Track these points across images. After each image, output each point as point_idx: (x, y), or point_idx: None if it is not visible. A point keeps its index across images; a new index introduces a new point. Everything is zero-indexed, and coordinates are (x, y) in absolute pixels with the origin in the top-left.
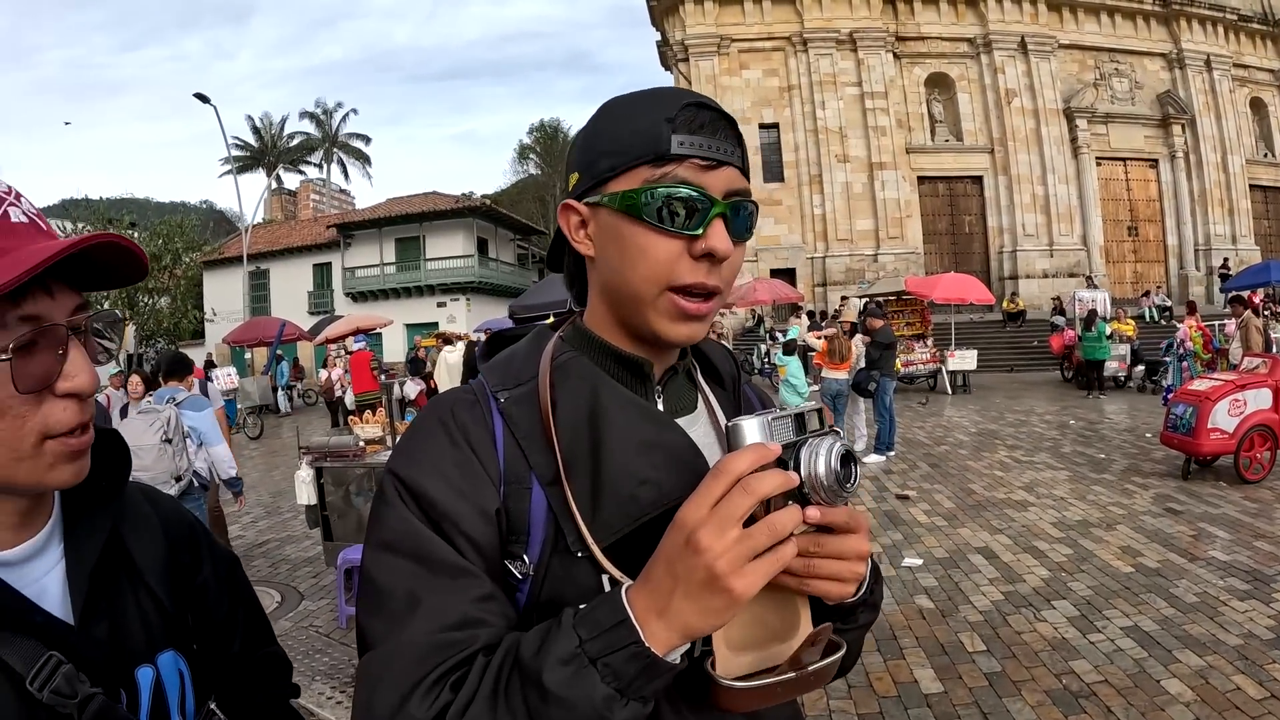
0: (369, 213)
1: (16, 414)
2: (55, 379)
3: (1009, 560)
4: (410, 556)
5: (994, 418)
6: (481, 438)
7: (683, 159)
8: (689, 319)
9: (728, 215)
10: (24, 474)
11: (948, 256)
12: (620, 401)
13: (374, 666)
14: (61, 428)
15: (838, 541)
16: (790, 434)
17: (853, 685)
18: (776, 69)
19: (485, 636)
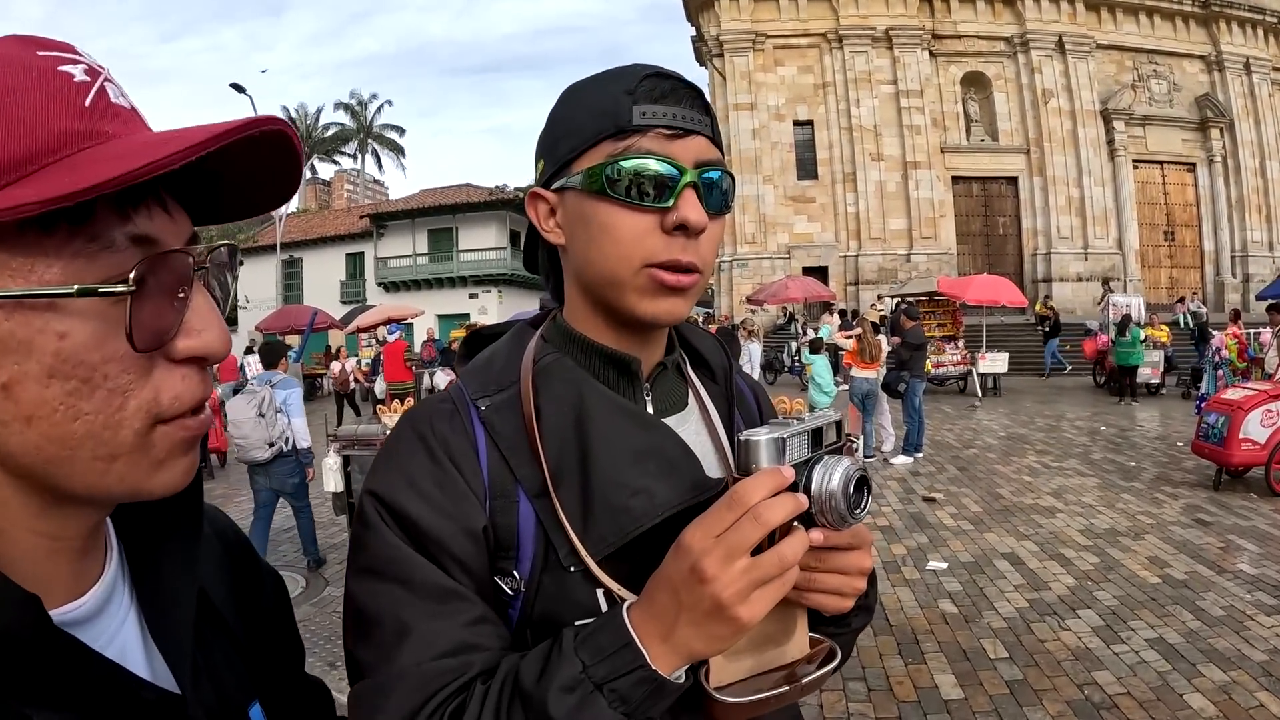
0: (402, 203)
1: (116, 385)
2: (174, 334)
3: (1035, 567)
4: (396, 581)
5: (1024, 422)
6: (463, 450)
7: (646, 129)
8: (670, 293)
9: (699, 185)
10: (119, 477)
11: (981, 258)
12: (607, 406)
13: (367, 698)
14: (180, 406)
15: (840, 558)
16: (805, 449)
17: (872, 689)
18: (811, 66)
19: (480, 662)
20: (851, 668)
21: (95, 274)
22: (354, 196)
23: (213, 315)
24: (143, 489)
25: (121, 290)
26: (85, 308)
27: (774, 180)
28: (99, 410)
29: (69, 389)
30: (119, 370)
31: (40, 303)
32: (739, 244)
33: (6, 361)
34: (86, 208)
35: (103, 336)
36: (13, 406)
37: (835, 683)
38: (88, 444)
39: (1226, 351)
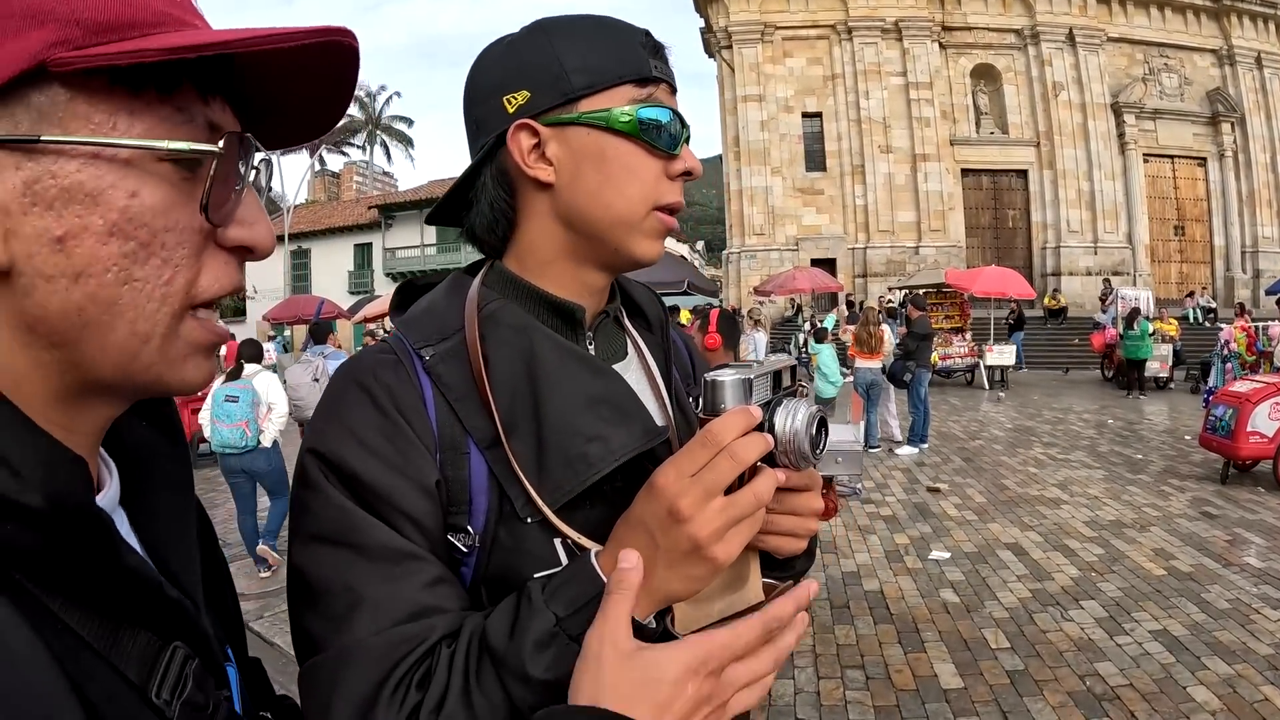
0: (411, 194)
1: (170, 257)
2: (229, 220)
3: (1038, 558)
4: (345, 545)
5: (1031, 414)
6: (412, 402)
7: (659, 82)
8: (660, 235)
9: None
10: (148, 361)
11: (990, 251)
12: (559, 353)
13: (323, 674)
14: (218, 289)
15: (795, 499)
16: (767, 392)
17: (871, 677)
18: (820, 57)
19: (443, 625)
20: (850, 656)
21: (178, 139)
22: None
23: (262, 212)
24: (165, 379)
25: (210, 151)
26: (160, 170)
27: (782, 172)
28: (149, 279)
29: (126, 250)
30: (176, 241)
31: (119, 156)
32: (747, 236)
33: (69, 213)
34: (175, 78)
35: (170, 203)
36: (64, 261)
37: (834, 670)
38: (129, 313)
39: (1235, 345)
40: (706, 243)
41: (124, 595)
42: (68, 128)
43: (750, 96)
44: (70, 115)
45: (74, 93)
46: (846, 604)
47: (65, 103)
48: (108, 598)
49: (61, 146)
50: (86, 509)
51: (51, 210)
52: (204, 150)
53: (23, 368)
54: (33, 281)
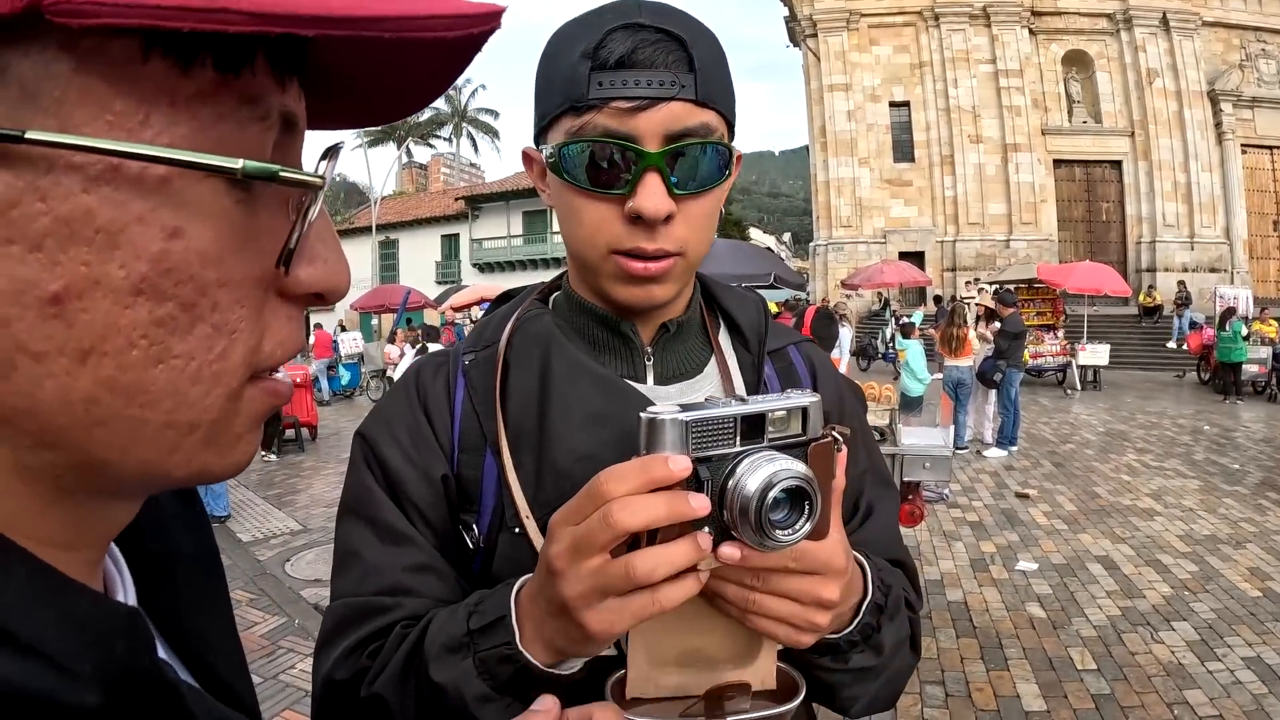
0: (497, 185)
1: (224, 321)
2: (299, 260)
3: (1130, 573)
4: (362, 518)
5: (1124, 418)
6: (439, 401)
7: (604, 103)
8: (639, 281)
9: (664, 167)
10: (190, 454)
11: (1083, 245)
12: (570, 367)
13: (324, 621)
14: (282, 355)
15: (789, 582)
16: (733, 439)
17: (950, 694)
18: (907, 45)
19: (411, 607)
20: (930, 670)
21: (241, 149)
22: (450, 179)
23: (336, 239)
24: (211, 469)
25: (314, 181)
26: (210, 198)
27: (870, 163)
28: (194, 354)
29: (160, 316)
30: (231, 300)
31: (152, 172)
32: (834, 228)
33: (70, 258)
34: (248, 49)
35: (224, 248)
36: (63, 330)
37: (913, 685)
38: (165, 403)
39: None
40: (794, 234)
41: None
42: (70, 120)
43: (836, 85)
44: (76, 98)
45: (83, 63)
46: (929, 614)
47: (68, 76)
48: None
49: (60, 151)
50: (155, 680)
51: (40, 252)
52: (309, 181)
53: (6, 489)
54: (11, 359)
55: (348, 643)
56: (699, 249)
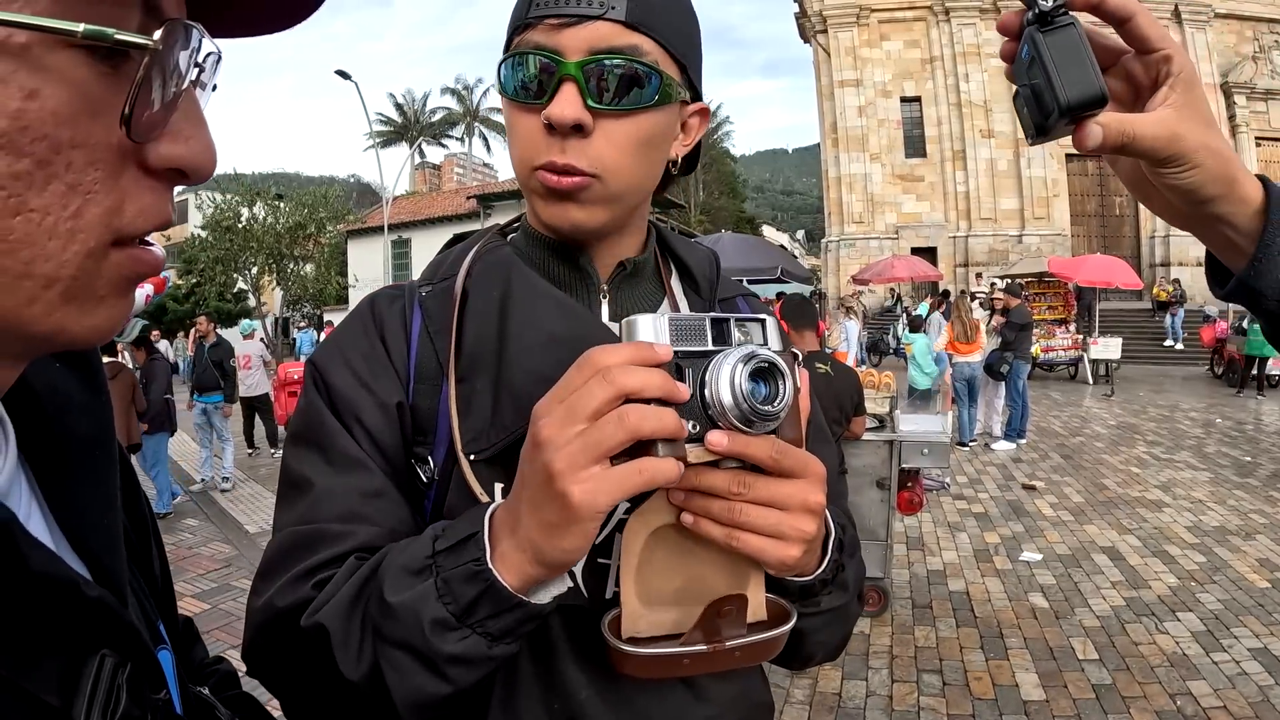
0: (509, 184)
1: (78, 181)
2: (158, 133)
3: (1135, 564)
4: (313, 445)
5: (1135, 411)
6: (395, 331)
7: (539, 21)
8: (554, 197)
9: (581, 77)
10: (47, 308)
11: (1096, 240)
12: (530, 290)
13: (266, 551)
14: (144, 224)
15: (773, 485)
16: (704, 342)
17: (948, 683)
18: (918, 40)
19: (364, 535)
20: (928, 659)
21: (96, 21)
22: (462, 179)
23: (203, 124)
24: (68, 330)
25: (144, 44)
26: (68, 63)
27: (881, 158)
28: (49, 209)
29: (17, 170)
30: (85, 161)
31: (11, 41)
32: (846, 224)
33: None
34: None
35: (80, 109)
36: None
37: (909, 673)
38: (22, 253)
39: None
40: (807, 232)
41: (34, 606)
42: None
43: (847, 81)
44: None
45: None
46: (929, 604)
47: None
48: (12, 612)
49: None
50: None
51: None
52: (136, 42)
53: None
54: None
55: (295, 571)
56: (622, 175)
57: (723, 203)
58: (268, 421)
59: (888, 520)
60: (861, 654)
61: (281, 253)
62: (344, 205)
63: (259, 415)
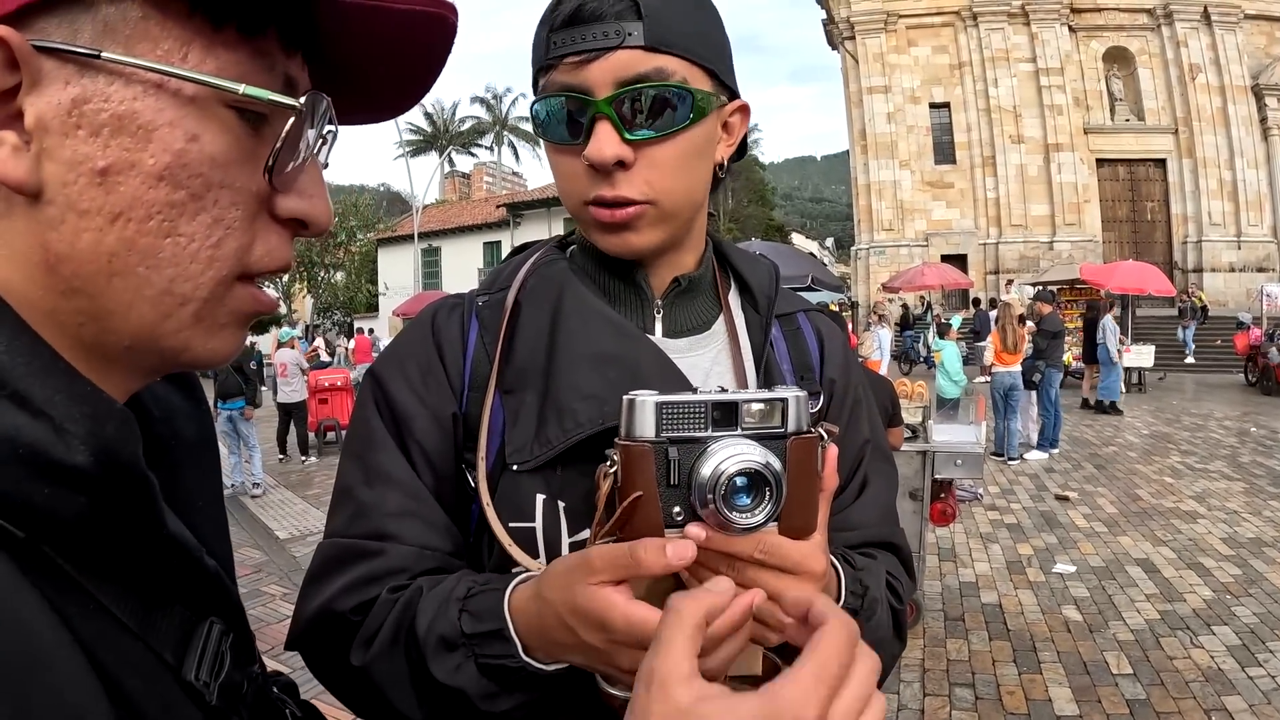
0: (538, 193)
1: (222, 217)
2: (289, 187)
3: (1170, 576)
4: (359, 458)
5: (1169, 420)
6: (453, 341)
7: (560, 60)
8: (611, 229)
9: (613, 113)
10: (178, 326)
11: (1128, 245)
12: (582, 307)
13: (314, 557)
14: (269, 263)
15: (759, 575)
16: (704, 425)
17: (980, 697)
18: (946, 45)
19: (394, 556)
20: (960, 673)
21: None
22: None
23: (323, 186)
24: (193, 348)
25: (291, 105)
26: (224, 117)
27: (911, 165)
28: (196, 236)
29: (175, 199)
30: (229, 201)
31: (184, 92)
32: (876, 231)
33: (117, 144)
34: (262, 20)
35: (230, 156)
36: (103, 197)
37: (941, 687)
38: (167, 270)
39: None
40: (836, 239)
41: (162, 568)
42: (133, 49)
43: (875, 88)
44: (139, 36)
45: (148, 11)
46: (961, 616)
47: (137, 20)
48: (144, 571)
49: (122, 68)
50: (136, 470)
51: (98, 138)
52: (285, 103)
53: (46, 312)
54: (63, 214)
55: (344, 580)
56: (674, 195)
57: (751, 210)
58: (300, 428)
59: (920, 531)
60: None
61: (312, 260)
62: (374, 213)
63: (294, 421)
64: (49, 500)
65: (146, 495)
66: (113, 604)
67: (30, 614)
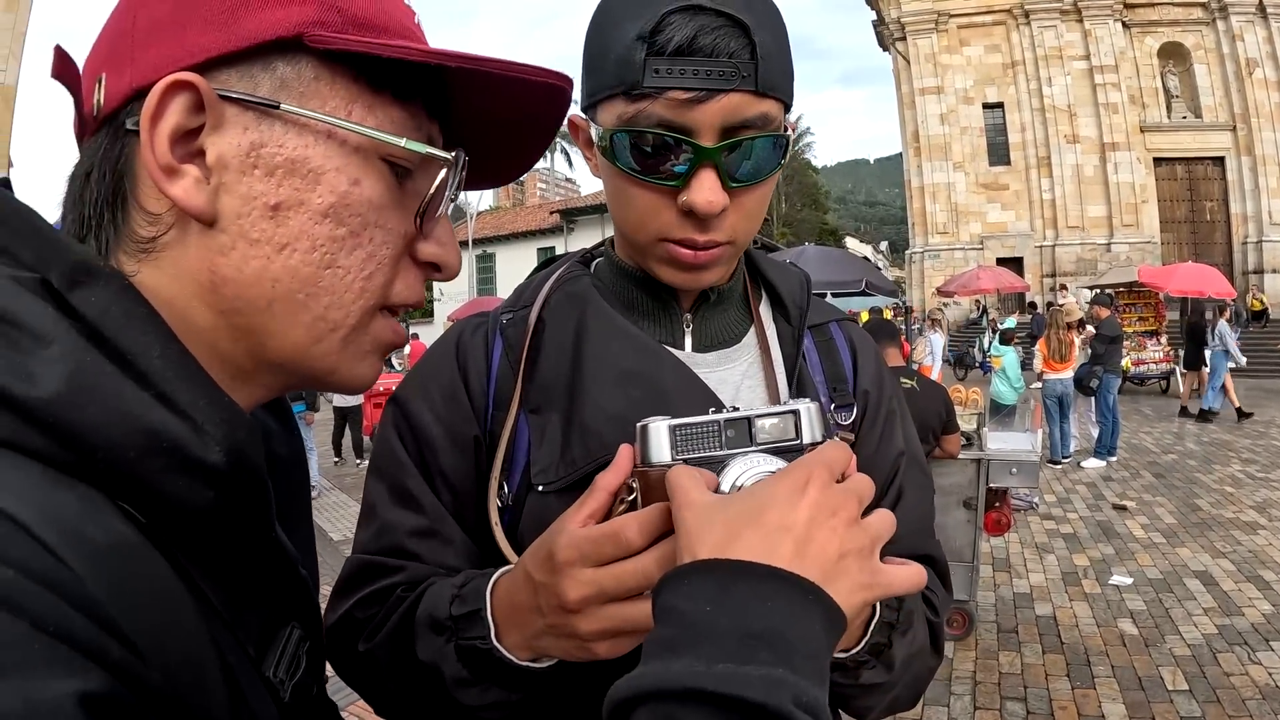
0: (591, 199)
1: (374, 253)
2: (429, 233)
3: (1229, 589)
4: (383, 477)
5: (1229, 427)
6: (477, 361)
7: (660, 92)
8: (688, 269)
9: (720, 162)
10: (327, 350)
11: (1186, 247)
12: (605, 326)
13: (342, 570)
14: (405, 299)
15: None
16: (717, 444)
17: (1032, 711)
18: (998, 44)
19: (412, 572)
20: (1012, 686)
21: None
22: (545, 194)
23: (454, 235)
24: (339, 371)
25: (447, 158)
26: (381, 169)
27: (965, 167)
28: (352, 269)
29: (337, 235)
30: (381, 240)
31: (349, 141)
32: (930, 234)
33: (288, 184)
34: (413, 88)
35: (385, 201)
36: (273, 229)
37: (992, 701)
38: (325, 297)
39: None
40: (890, 243)
41: (261, 568)
42: (306, 104)
43: (928, 89)
44: (311, 93)
45: (320, 72)
46: (1015, 628)
47: (310, 80)
48: (244, 568)
49: (297, 118)
50: (259, 474)
51: (271, 178)
52: (441, 155)
53: (199, 327)
54: (234, 241)
55: (361, 595)
56: (749, 235)
57: (805, 214)
58: (355, 431)
59: (974, 541)
60: (944, 679)
61: None
62: None
63: (349, 425)
64: (182, 491)
65: (264, 498)
66: (211, 593)
67: (162, 570)
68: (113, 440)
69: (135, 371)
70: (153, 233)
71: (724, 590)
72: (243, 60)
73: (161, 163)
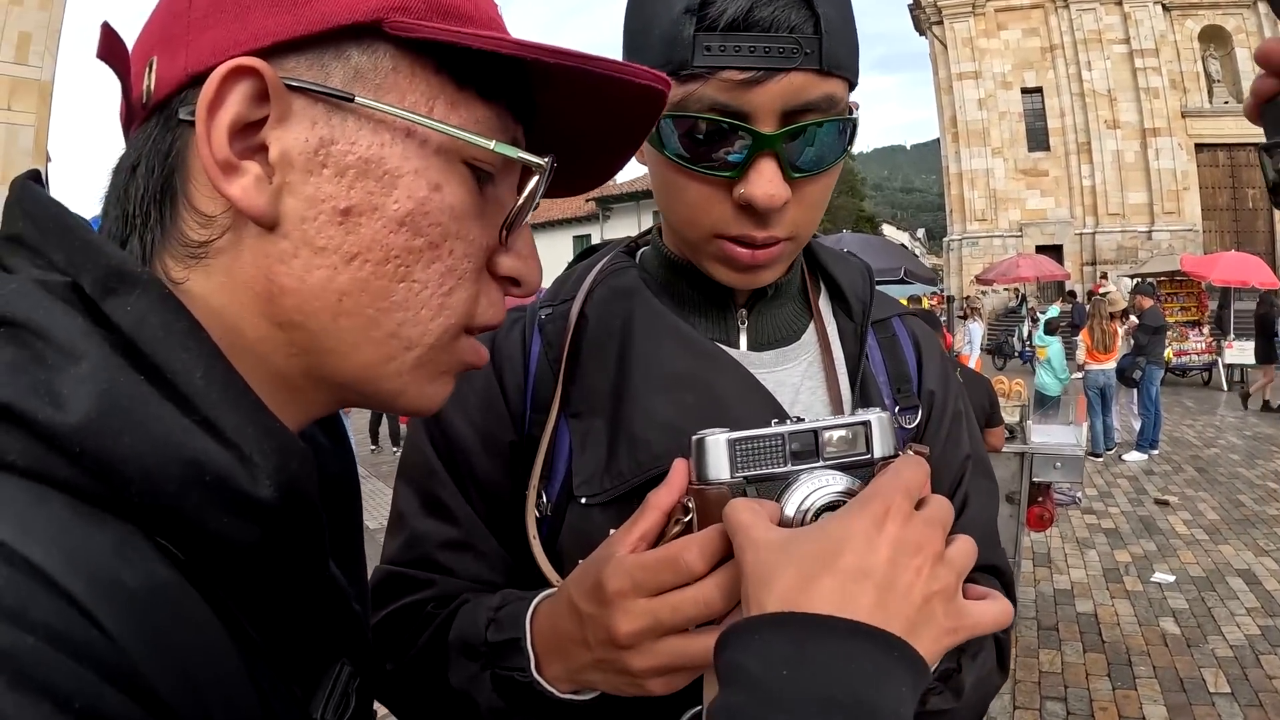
0: (628, 186)
1: (454, 267)
2: (512, 246)
3: (1272, 588)
4: (414, 484)
5: (1274, 421)
6: (514, 359)
7: (712, 72)
8: (746, 268)
9: (781, 150)
10: (398, 370)
11: (1229, 235)
12: (654, 323)
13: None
14: (488, 319)
15: None
16: (782, 459)
17: (1072, 712)
18: (1037, 28)
19: (443, 586)
20: (1052, 685)
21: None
22: None
23: (535, 250)
24: (408, 394)
25: (540, 164)
26: (463, 173)
27: (1003, 153)
28: (429, 283)
29: (414, 245)
30: (463, 252)
31: (430, 141)
32: (969, 221)
33: (361, 187)
34: (499, 86)
35: (467, 209)
36: (341, 236)
37: (1032, 700)
38: (397, 315)
39: None
40: (928, 230)
41: (311, 605)
42: (383, 97)
43: (965, 73)
44: (389, 86)
45: (399, 63)
46: (1055, 625)
47: (388, 71)
48: (291, 605)
49: (373, 113)
50: (314, 510)
51: (342, 179)
52: (535, 161)
53: (250, 341)
54: (297, 248)
55: (389, 610)
56: (810, 230)
57: (842, 201)
58: (392, 420)
59: (1016, 536)
60: None
61: None
62: None
63: (385, 413)
64: (226, 528)
65: (318, 535)
66: (255, 632)
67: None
68: (149, 472)
69: (175, 393)
70: (205, 236)
71: (799, 650)
72: (313, 46)
73: (219, 158)
